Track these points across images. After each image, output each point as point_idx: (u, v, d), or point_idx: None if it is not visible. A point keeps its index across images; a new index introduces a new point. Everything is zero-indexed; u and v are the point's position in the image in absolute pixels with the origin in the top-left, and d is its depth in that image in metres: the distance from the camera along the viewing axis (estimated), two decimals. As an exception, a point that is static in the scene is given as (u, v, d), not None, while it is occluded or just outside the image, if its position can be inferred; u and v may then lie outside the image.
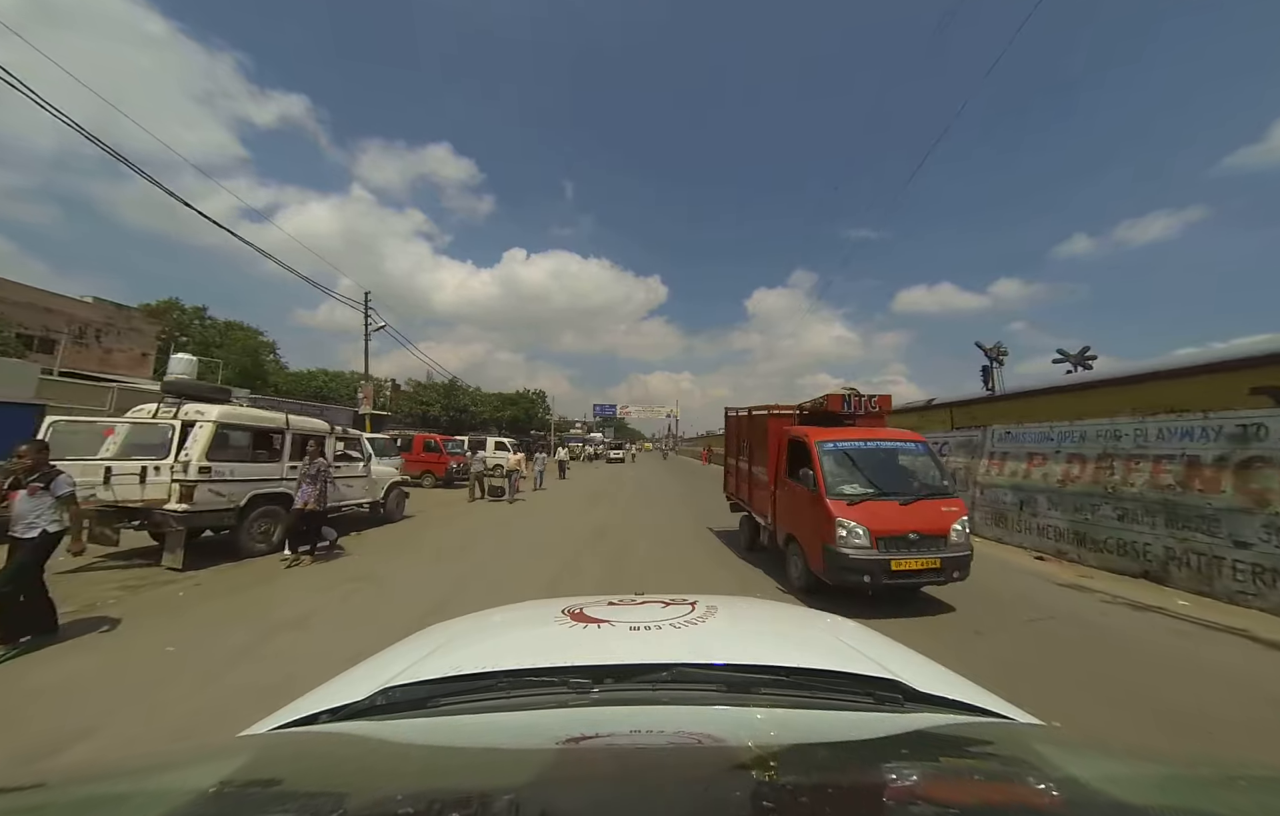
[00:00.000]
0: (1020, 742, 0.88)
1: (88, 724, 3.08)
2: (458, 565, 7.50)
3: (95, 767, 0.85)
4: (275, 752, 0.90)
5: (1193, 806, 0.64)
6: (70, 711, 3.23)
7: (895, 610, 5.34)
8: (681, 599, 1.59)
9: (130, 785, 0.74)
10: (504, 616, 1.73)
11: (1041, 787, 0.69)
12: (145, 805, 0.66)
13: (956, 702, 1.03)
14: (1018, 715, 1.03)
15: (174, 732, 3.05)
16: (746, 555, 8.22)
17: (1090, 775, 0.72)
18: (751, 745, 0.79)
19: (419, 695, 1.01)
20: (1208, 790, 0.71)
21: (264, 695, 3.20)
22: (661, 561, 7.88)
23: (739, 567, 7.59)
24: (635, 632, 1.30)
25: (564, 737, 0.84)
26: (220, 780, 0.71)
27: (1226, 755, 1.78)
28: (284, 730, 0.99)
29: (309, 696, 1.14)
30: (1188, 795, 0.69)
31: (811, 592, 5.78)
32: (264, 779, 0.74)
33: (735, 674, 1.04)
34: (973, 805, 0.61)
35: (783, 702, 0.97)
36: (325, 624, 4.87)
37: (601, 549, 8.73)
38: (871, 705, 0.97)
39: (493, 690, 1.01)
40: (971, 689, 1.13)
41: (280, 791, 0.68)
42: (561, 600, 1.63)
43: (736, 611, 1.64)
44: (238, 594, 5.76)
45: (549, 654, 1.16)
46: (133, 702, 3.36)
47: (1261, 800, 0.67)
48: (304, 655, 4.11)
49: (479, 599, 5.63)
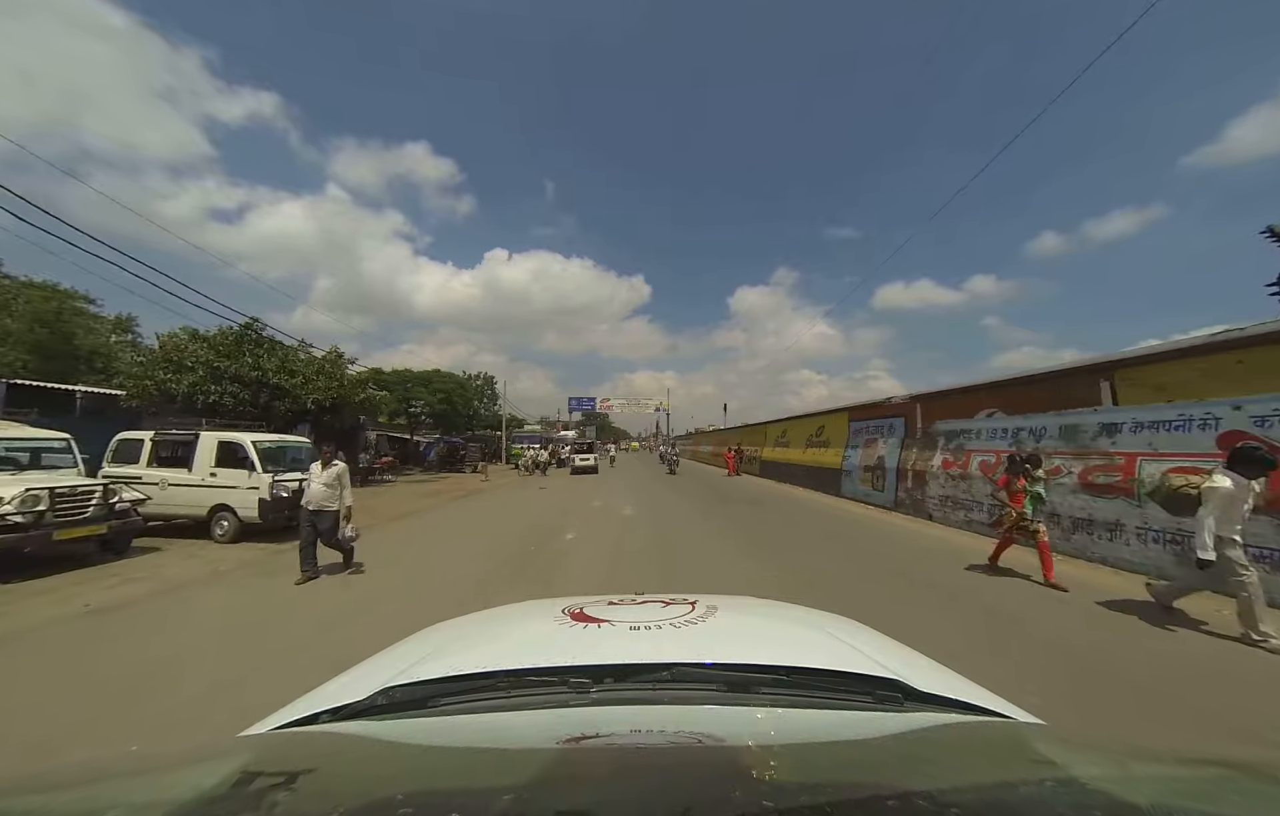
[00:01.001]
0: (1020, 742, 0.88)
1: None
2: None
3: (95, 768, 0.86)
4: (275, 752, 0.90)
5: (1193, 805, 0.64)
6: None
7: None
8: (682, 598, 1.60)
9: (130, 785, 0.75)
10: (504, 616, 1.73)
11: (1042, 787, 0.69)
12: (145, 805, 0.66)
13: (957, 702, 1.03)
14: (1018, 715, 1.03)
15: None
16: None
17: (1091, 774, 0.72)
18: (751, 745, 0.79)
19: (419, 695, 1.02)
20: (1208, 789, 0.71)
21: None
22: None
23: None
24: (635, 632, 1.30)
25: (564, 737, 0.84)
26: (220, 780, 0.71)
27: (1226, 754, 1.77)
28: (284, 730, 1.00)
29: (309, 696, 1.14)
30: (1188, 794, 0.69)
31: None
32: (264, 779, 0.74)
33: (735, 673, 1.04)
34: (973, 805, 0.61)
35: (783, 702, 0.97)
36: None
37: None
38: (871, 705, 0.97)
39: (493, 690, 1.01)
40: (972, 689, 1.13)
41: (280, 791, 0.68)
42: (561, 600, 1.64)
43: (736, 611, 1.64)
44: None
45: (549, 654, 1.16)
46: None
47: (1261, 798, 0.67)
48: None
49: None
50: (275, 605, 5.66)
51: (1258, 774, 0.72)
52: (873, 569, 7.24)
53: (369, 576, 6.80)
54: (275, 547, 8.67)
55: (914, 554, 8.19)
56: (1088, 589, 5.96)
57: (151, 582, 6.65)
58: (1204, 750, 1.28)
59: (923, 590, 6.11)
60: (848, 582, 6.52)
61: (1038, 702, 3.16)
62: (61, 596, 6.02)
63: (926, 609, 5.40)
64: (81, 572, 7.08)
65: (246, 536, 9.25)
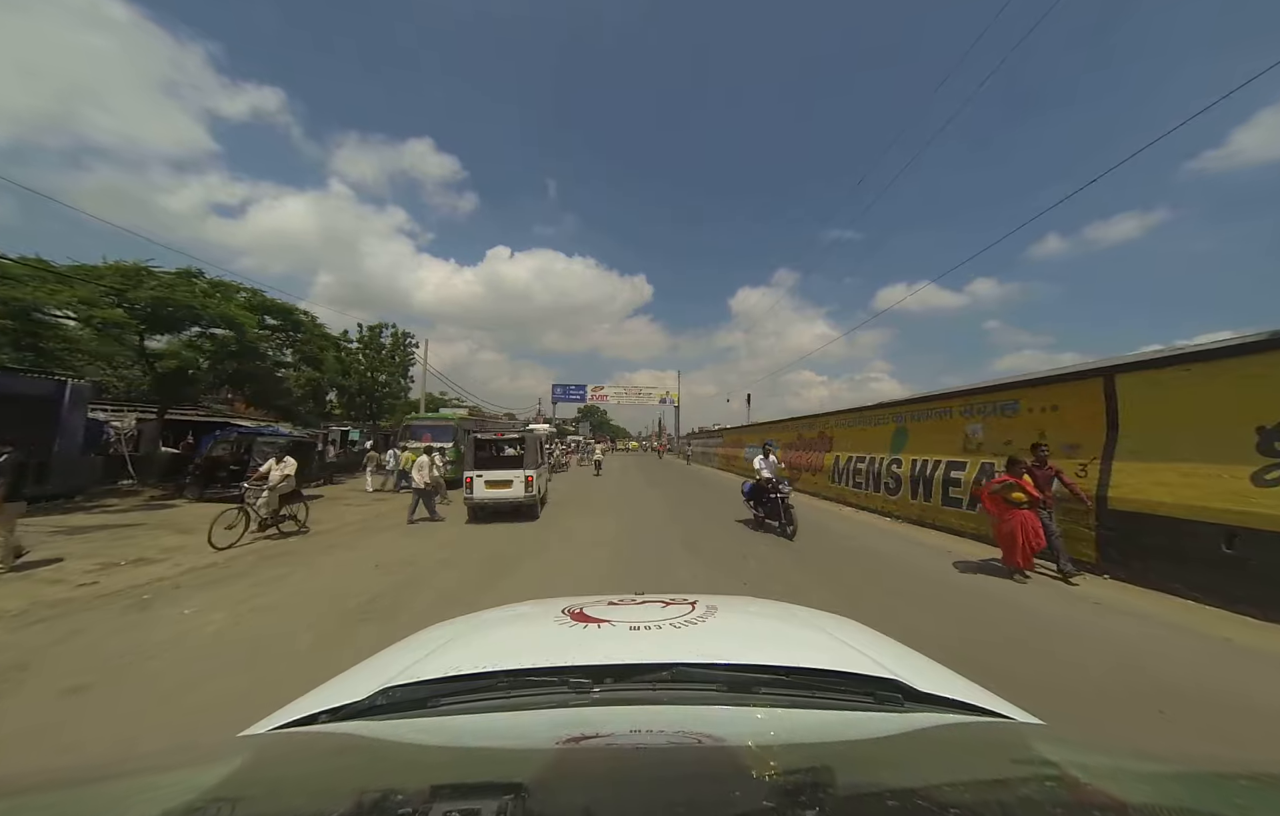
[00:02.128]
0: (1020, 742, 0.88)
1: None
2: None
3: (95, 768, 0.85)
4: (275, 753, 0.90)
5: (1193, 805, 0.64)
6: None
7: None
8: (681, 598, 1.60)
9: (129, 786, 0.74)
10: (504, 616, 1.73)
11: (1041, 787, 0.69)
12: (145, 806, 0.66)
13: (956, 702, 1.03)
14: (1018, 715, 1.03)
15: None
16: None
17: (1090, 774, 0.72)
18: (751, 745, 0.79)
19: (419, 695, 1.02)
20: (1208, 788, 0.71)
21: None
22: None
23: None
24: (635, 632, 1.30)
25: (564, 737, 0.84)
26: (220, 780, 0.71)
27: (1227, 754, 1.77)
28: (284, 730, 1.00)
29: (309, 696, 1.14)
30: (1188, 794, 0.69)
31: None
32: (264, 779, 0.74)
33: (735, 673, 1.04)
34: (973, 805, 0.61)
35: (783, 702, 0.97)
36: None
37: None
38: (871, 705, 0.97)
39: (493, 690, 1.01)
40: (972, 689, 1.13)
41: (280, 791, 0.68)
42: (562, 600, 1.64)
43: (737, 611, 1.64)
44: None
45: (549, 654, 1.16)
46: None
47: (1261, 798, 0.67)
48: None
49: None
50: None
51: (1257, 775, 0.72)
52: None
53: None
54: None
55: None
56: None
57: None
58: (1204, 751, 1.28)
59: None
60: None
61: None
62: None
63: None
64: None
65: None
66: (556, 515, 11.93)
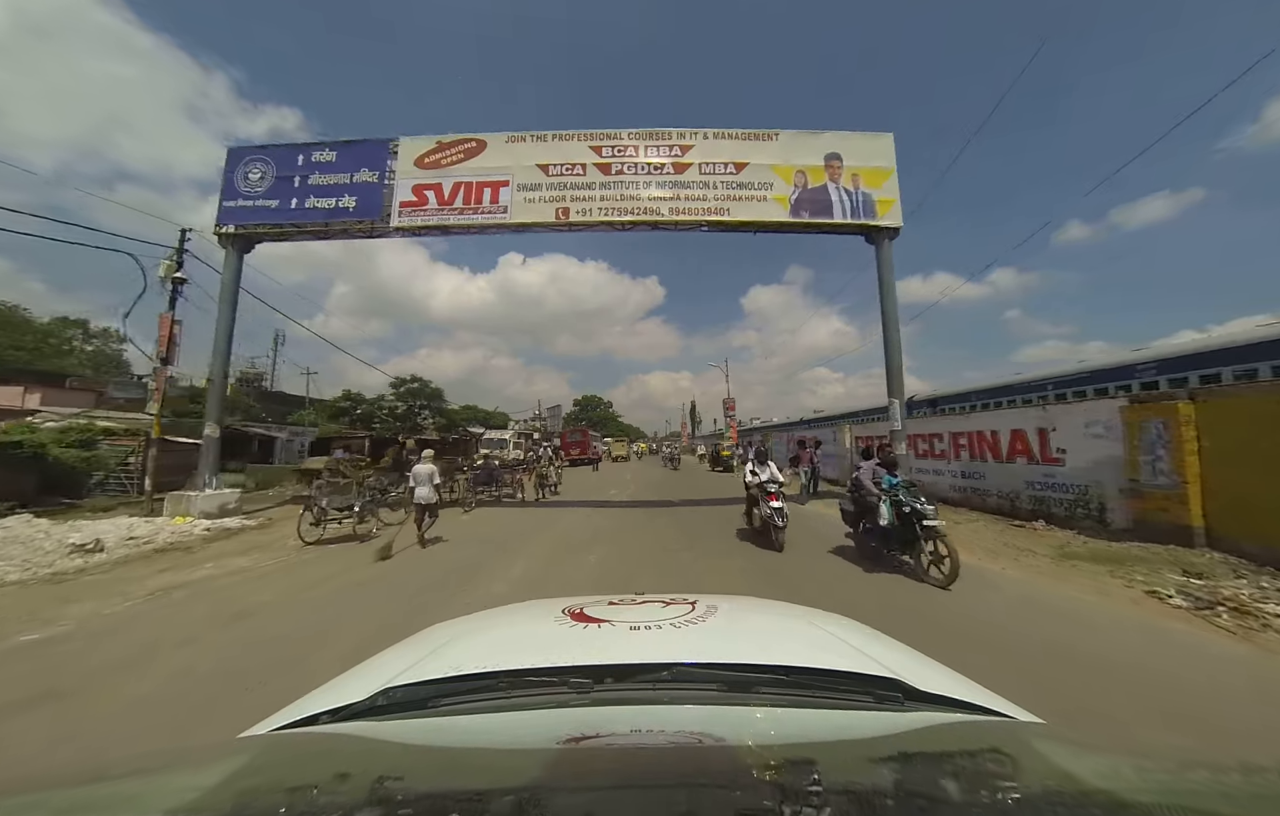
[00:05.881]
0: (1020, 741, 0.88)
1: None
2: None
3: (95, 768, 0.85)
4: (275, 753, 0.90)
5: (1192, 805, 0.64)
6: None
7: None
8: (682, 598, 1.60)
9: (130, 786, 0.75)
10: (504, 616, 1.73)
11: (1042, 786, 0.69)
12: (145, 806, 0.66)
13: (957, 701, 1.03)
14: (1018, 714, 1.03)
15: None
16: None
17: (1090, 774, 0.72)
18: (751, 744, 0.79)
19: (420, 695, 1.01)
20: (1207, 788, 0.71)
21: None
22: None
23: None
24: (635, 632, 1.30)
25: (564, 737, 0.84)
26: (220, 781, 0.71)
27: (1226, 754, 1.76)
28: (284, 731, 1.00)
29: (309, 697, 1.14)
30: (1188, 793, 0.69)
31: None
32: (265, 780, 0.74)
33: (735, 673, 1.04)
34: (972, 804, 0.61)
35: (783, 702, 0.97)
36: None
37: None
38: (871, 704, 0.97)
39: (493, 690, 1.01)
40: (972, 688, 1.13)
41: (280, 792, 0.68)
42: (561, 600, 1.63)
43: (736, 611, 1.64)
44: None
45: (549, 654, 1.16)
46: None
47: (1261, 798, 0.67)
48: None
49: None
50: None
51: (1257, 775, 0.72)
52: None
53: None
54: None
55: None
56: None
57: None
58: (1204, 751, 1.28)
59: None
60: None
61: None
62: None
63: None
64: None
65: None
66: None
